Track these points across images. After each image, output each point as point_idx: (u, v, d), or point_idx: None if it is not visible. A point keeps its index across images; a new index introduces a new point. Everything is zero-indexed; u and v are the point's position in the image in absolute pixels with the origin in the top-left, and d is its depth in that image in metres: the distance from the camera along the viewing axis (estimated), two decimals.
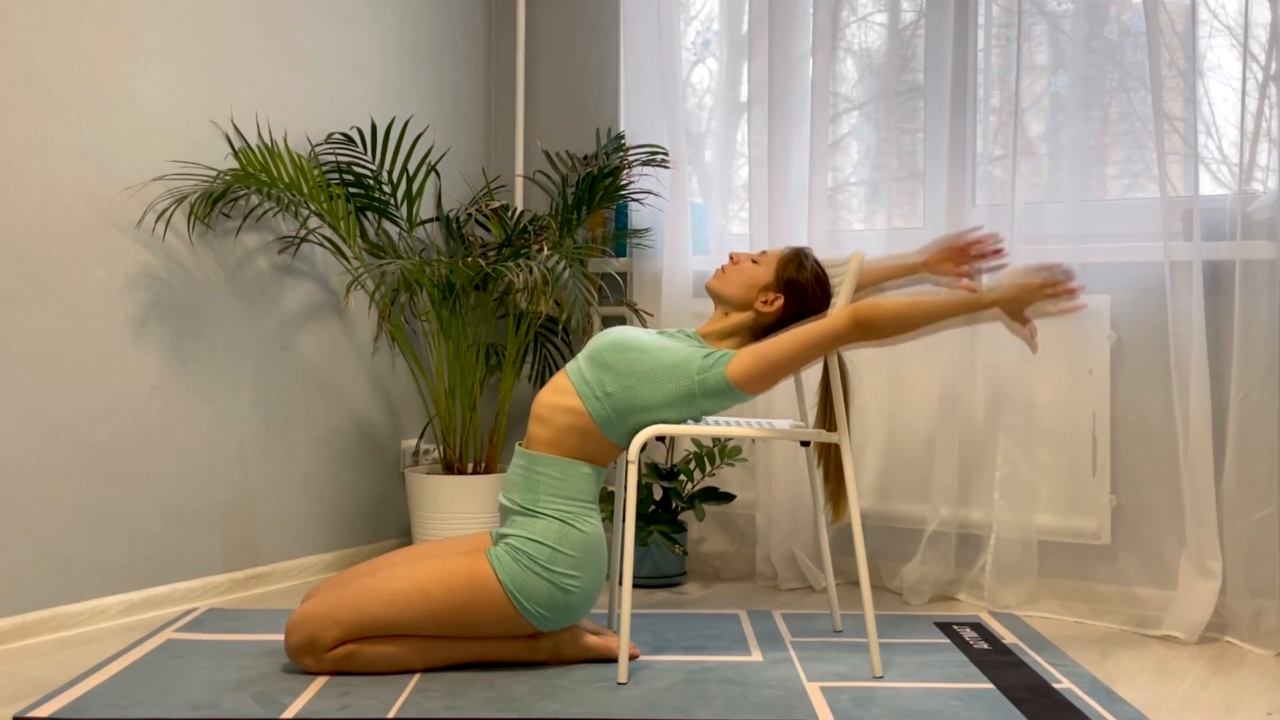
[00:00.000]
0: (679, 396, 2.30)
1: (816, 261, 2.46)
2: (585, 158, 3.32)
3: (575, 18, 3.70)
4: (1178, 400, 2.67)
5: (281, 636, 2.39)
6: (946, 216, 3.01)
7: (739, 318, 2.43)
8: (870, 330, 2.24)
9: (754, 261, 2.46)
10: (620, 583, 2.46)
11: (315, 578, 3.24)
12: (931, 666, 2.39)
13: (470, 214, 3.46)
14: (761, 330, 2.43)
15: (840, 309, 2.28)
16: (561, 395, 2.36)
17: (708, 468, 3.14)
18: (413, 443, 3.55)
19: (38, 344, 2.63)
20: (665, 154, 3.26)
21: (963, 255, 2.54)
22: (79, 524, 2.71)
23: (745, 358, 2.28)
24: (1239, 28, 2.67)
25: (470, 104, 3.78)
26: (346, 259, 3.17)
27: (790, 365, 2.28)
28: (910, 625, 2.73)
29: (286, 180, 2.97)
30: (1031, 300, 2.29)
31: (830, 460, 2.47)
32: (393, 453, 3.53)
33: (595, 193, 3.23)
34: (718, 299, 2.47)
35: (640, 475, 3.06)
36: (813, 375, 2.59)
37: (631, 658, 2.39)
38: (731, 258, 2.48)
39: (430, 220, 3.50)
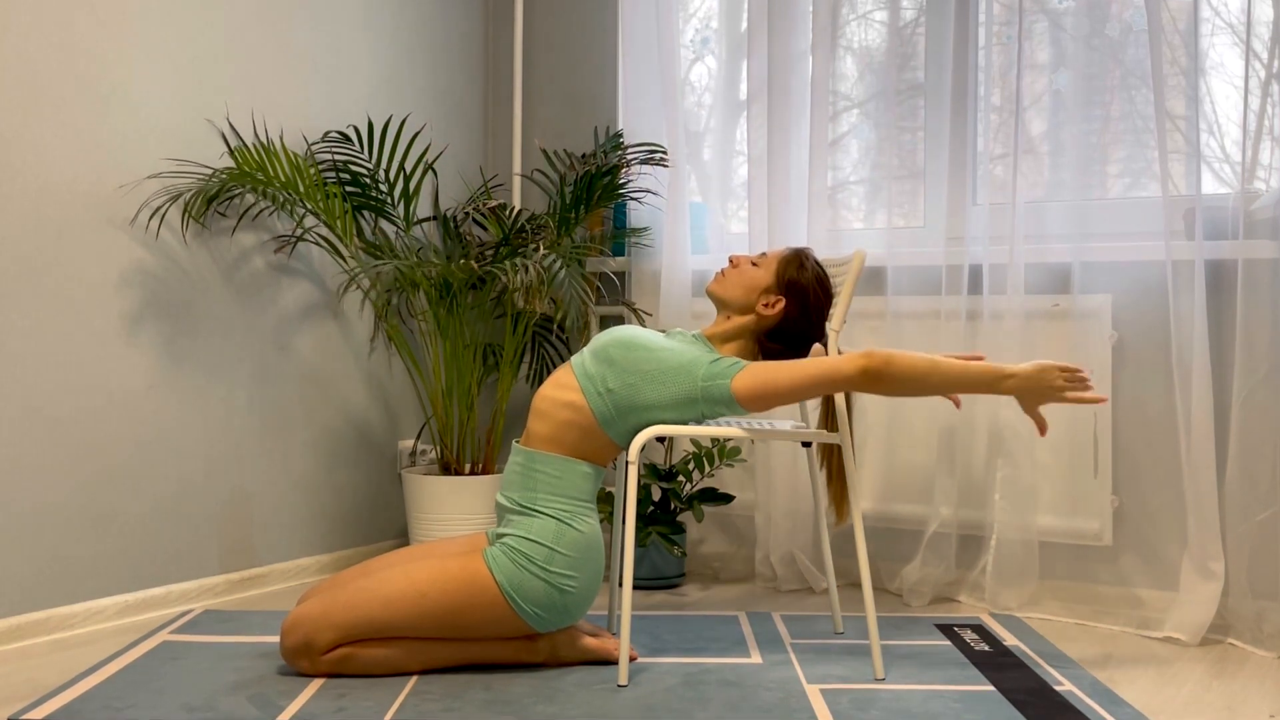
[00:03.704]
0: (681, 399, 2.28)
1: (817, 262, 2.44)
2: (583, 156, 3.30)
3: (573, 15, 3.68)
4: (1179, 400, 2.65)
5: (278, 638, 2.38)
6: (947, 215, 3.00)
7: (741, 321, 2.42)
8: (880, 384, 2.21)
9: (754, 264, 2.44)
10: (620, 584, 2.45)
11: (311, 579, 3.22)
12: (932, 668, 2.37)
13: (468, 213, 3.44)
14: (764, 333, 2.41)
15: (855, 356, 2.22)
16: (563, 390, 2.34)
17: (707, 468, 3.13)
18: (410, 443, 3.54)
19: (32, 343, 2.62)
20: (664, 153, 3.24)
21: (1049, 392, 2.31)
22: (74, 525, 2.69)
23: (751, 376, 2.25)
24: (1241, 25, 2.65)
25: (468, 102, 3.76)
26: (343, 258, 3.16)
27: (793, 396, 2.26)
28: (910, 627, 2.71)
29: (282, 179, 2.95)
30: (1047, 394, 2.26)
31: (833, 462, 2.46)
32: (389, 453, 3.51)
33: (593, 192, 3.21)
34: (719, 303, 2.45)
35: (639, 476, 3.04)
36: None
37: (630, 660, 2.38)
38: (731, 260, 2.47)
39: (427, 219, 3.49)
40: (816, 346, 2.45)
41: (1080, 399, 2.26)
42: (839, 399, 2.37)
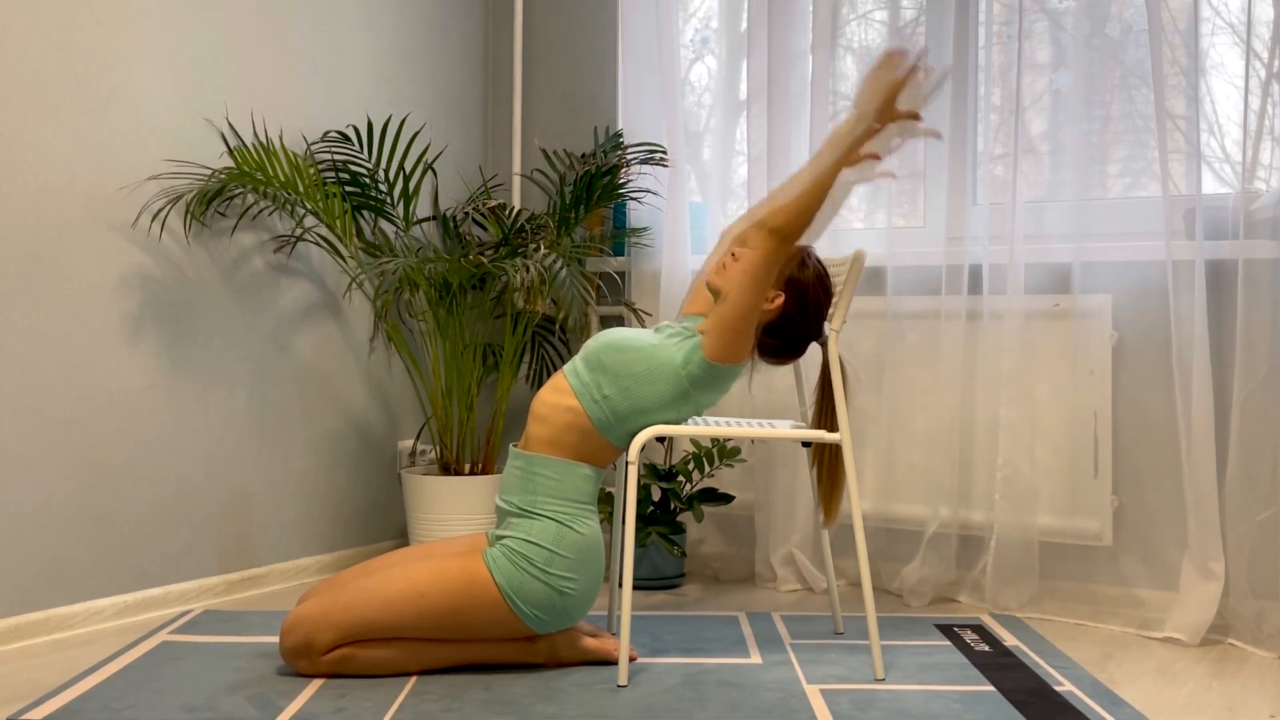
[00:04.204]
0: (674, 396, 2.29)
1: (819, 260, 2.44)
2: (583, 156, 3.30)
3: (573, 15, 3.68)
4: (1180, 400, 2.65)
5: (277, 639, 2.37)
6: (947, 215, 3.00)
7: None
8: (788, 231, 2.21)
9: None
10: (620, 585, 2.45)
11: (311, 579, 3.22)
12: (932, 669, 2.37)
13: (467, 213, 3.44)
14: (762, 328, 2.41)
15: (757, 233, 2.24)
16: (561, 395, 2.34)
17: (707, 468, 3.13)
18: (409, 443, 3.54)
19: (31, 344, 2.61)
20: (664, 152, 3.24)
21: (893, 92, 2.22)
22: (74, 525, 2.69)
23: (712, 334, 2.28)
24: (1242, 25, 2.65)
25: (467, 102, 3.76)
26: (343, 258, 3.16)
27: (750, 308, 2.26)
28: (910, 627, 2.71)
29: (282, 179, 2.95)
30: (889, 90, 2.18)
31: (824, 462, 2.45)
32: (389, 453, 3.51)
33: (593, 191, 3.21)
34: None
35: (639, 476, 3.04)
36: (811, 375, 2.57)
37: (630, 660, 2.37)
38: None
39: (427, 219, 3.48)
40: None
41: (926, 85, 2.20)
42: (839, 398, 2.37)
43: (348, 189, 3.22)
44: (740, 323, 2.27)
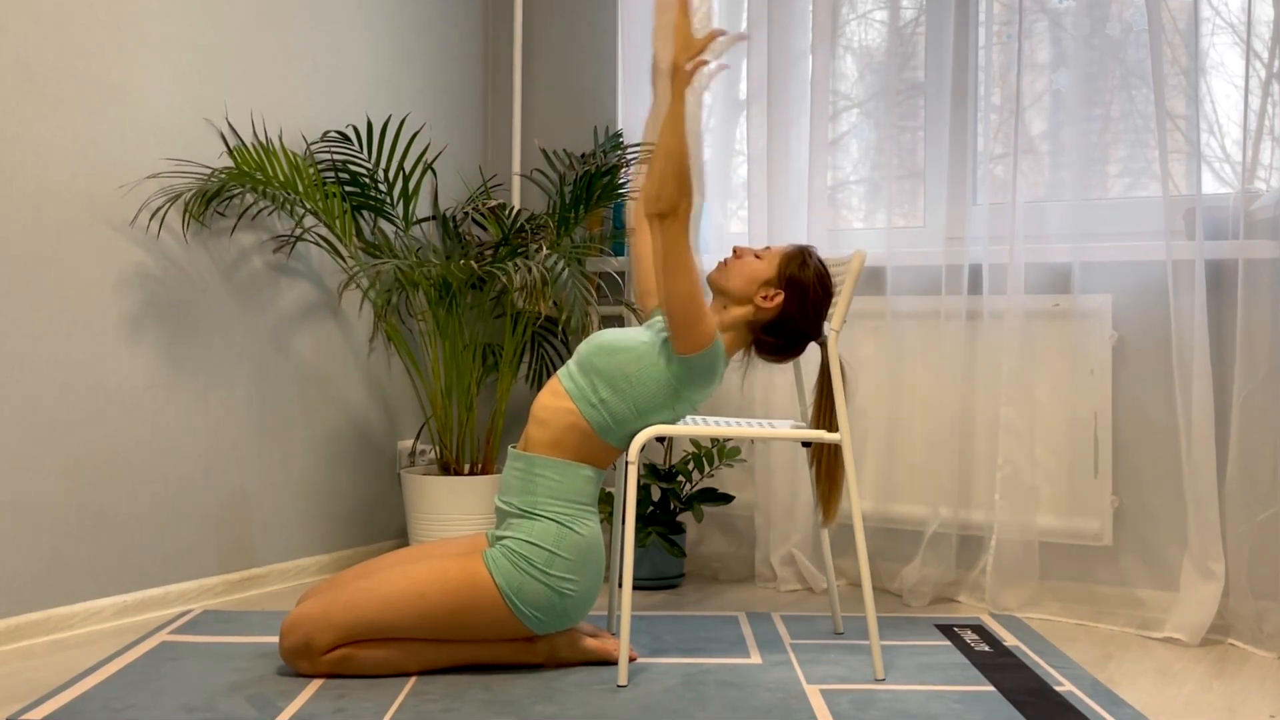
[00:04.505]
0: (667, 394, 2.30)
1: (820, 261, 2.44)
2: (583, 156, 3.30)
3: (573, 15, 3.68)
4: (1180, 400, 2.65)
5: (277, 639, 2.37)
6: (947, 215, 3.00)
7: (737, 312, 2.41)
8: (666, 206, 2.19)
9: (757, 256, 2.44)
10: (620, 585, 2.44)
11: (311, 580, 3.22)
12: (932, 669, 2.37)
13: (467, 213, 3.44)
14: (761, 326, 2.41)
15: (644, 219, 2.24)
16: (560, 398, 2.35)
17: (706, 469, 3.13)
18: (409, 443, 3.53)
19: (30, 344, 2.61)
20: None
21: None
22: (73, 525, 2.69)
23: (671, 331, 2.26)
24: (1242, 25, 2.65)
25: (467, 102, 3.76)
26: (342, 258, 3.15)
27: (688, 294, 2.22)
28: (910, 627, 2.71)
29: (282, 178, 2.95)
30: (673, 34, 2.22)
31: (823, 462, 2.45)
32: (389, 453, 3.51)
33: (593, 191, 3.21)
34: (718, 291, 2.45)
35: (639, 476, 3.04)
36: (810, 375, 2.57)
37: (630, 660, 2.37)
38: (735, 251, 2.47)
39: (427, 219, 3.48)
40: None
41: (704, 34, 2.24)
42: (839, 398, 2.37)
43: (347, 189, 3.22)
44: (687, 310, 2.23)
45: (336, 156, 3.24)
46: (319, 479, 3.28)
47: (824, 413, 2.43)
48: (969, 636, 2.63)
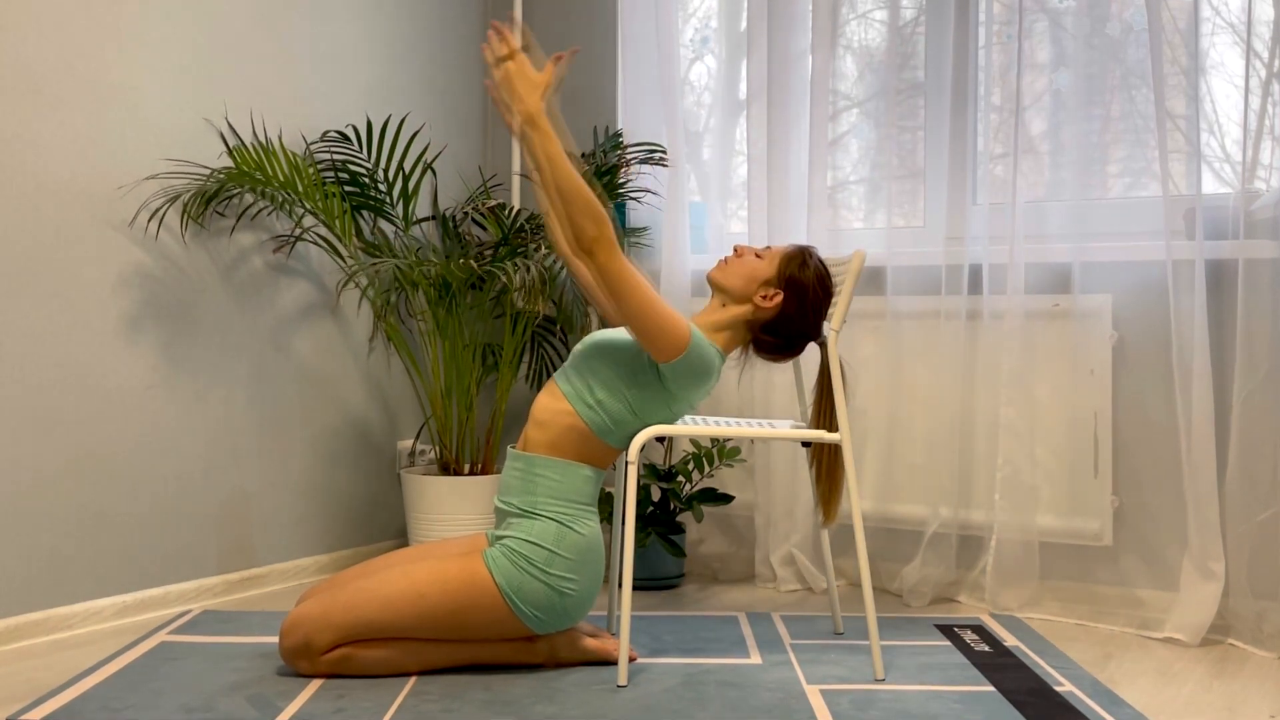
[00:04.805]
0: (662, 395, 2.30)
1: (820, 261, 2.44)
2: (583, 156, 3.30)
3: (572, 14, 3.68)
4: (1180, 400, 2.65)
5: (276, 639, 2.37)
6: (947, 215, 3.00)
7: (736, 310, 2.41)
8: (580, 235, 2.18)
9: (757, 255, 2.44)
10: (620, 585, 2.44)
11: (310, 579, 3.21)
12: (932, 669, 2.37)
13: (467, 212, 3.44)
14: (760, 325, 2.41)
15: (584, 256, 2.22)
16: (559, 400, 2.34)
17: (706, 468, 3.13)
18: (409, 443, 3.53)
19: (30, 344, 2.61)
20: (663, 152, 3.24)
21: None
22: (72, 525, 2.69)
23: (654, 342, 2.23)
24: (1242, 25, 2.65)
25: (467, 102, 3.76)
26: (342, 258, 3.15)
27: (644, 308, 2.20)
28: (910, 627, 2.71)
29: (281, 179, 2.95)
30: (514, 81, 2.19)
31: (822, 462, 2.45)
32: (389, 453, 3.51)
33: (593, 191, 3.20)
34: (717, 289, 2.44)
35: (639, 476, 3.04)
36: (810, 375, 2.57)
37: (629, 660, 2.37)
38: (735, 250, 2.47)
39: (426, 219, 3.48)
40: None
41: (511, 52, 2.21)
42: (839, 398, 2.37)
43: (347, 189, 3.22)
44: (648, 323, 2.21)
45: (336, 156, 3.24)
46: (318, 479, 3.28)
47: (824, 413, 2.43)
48: (969, 636, 2.63)
